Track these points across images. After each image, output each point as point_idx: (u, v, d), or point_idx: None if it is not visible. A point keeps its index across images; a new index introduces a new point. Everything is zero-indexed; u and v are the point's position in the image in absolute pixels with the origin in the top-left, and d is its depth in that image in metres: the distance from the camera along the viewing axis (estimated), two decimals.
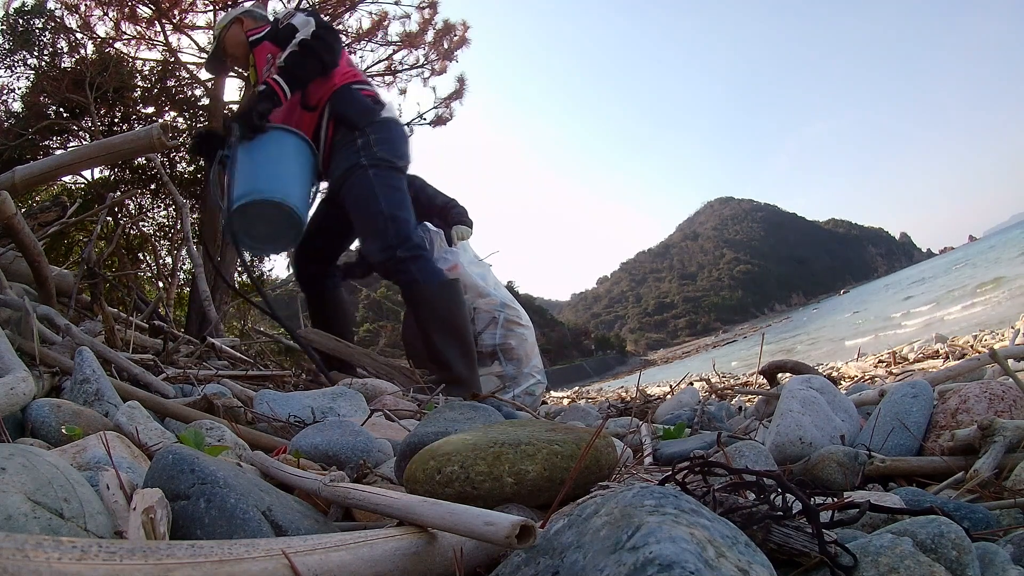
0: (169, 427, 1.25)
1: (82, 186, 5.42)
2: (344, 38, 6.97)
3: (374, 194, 2.35)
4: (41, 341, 1.54)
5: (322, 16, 2.60)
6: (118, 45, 6.00)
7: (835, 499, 0.71)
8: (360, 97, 2.48)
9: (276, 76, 2.34)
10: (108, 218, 3.13)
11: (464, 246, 3.34)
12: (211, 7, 6.27)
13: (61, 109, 5.44)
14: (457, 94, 7.19)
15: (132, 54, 6.12)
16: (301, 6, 6.42)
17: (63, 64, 5.63)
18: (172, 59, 6.26)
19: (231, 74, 2.91)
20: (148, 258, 5.26)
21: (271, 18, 2.83)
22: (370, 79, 2.76)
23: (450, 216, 3.59)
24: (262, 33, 2.65)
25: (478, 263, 3.29)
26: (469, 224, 3.52)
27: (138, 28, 6.04)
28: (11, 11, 5.61)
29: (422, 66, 7.17)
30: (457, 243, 3.31)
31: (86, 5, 5.82)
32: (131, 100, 5.80)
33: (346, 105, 2.44)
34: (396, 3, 6.87)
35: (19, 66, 5.62)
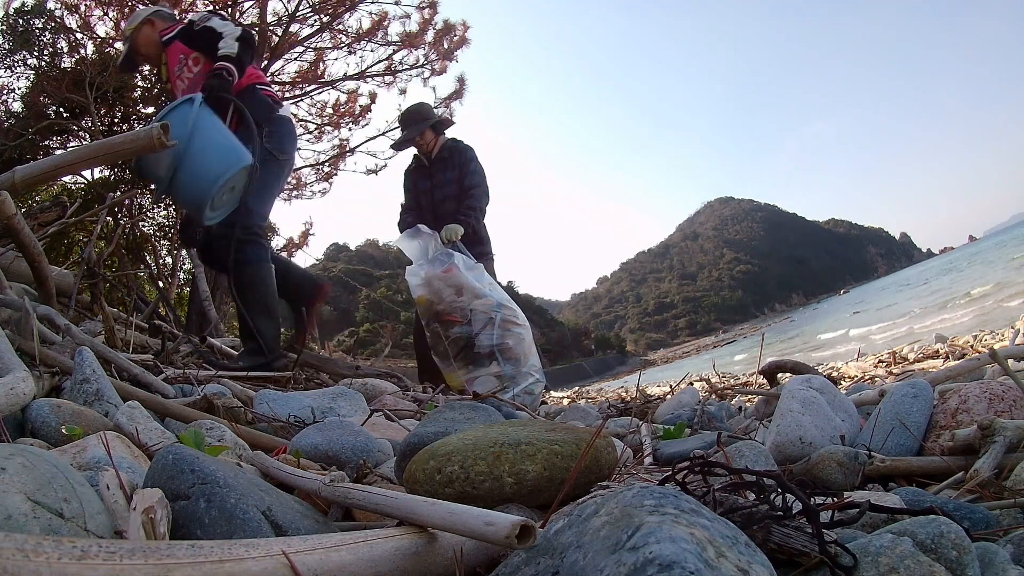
0: (169, 427, 1.25)
1: (82, 186, 5.42)
2: (344, 38, 6.98)
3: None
4: (41, 341, 1.54)
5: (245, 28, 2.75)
6: (118, 45, 6.00)
7: (835, 499, 0.71)
8: (262, 96, 2.77)
9: (227, 64, 2.54)
10: (108, 218, 3.13)
11: (460, 246, 3.35)
12: (211, 7, 6.27)
13: (61, 109, 5.44)
14: (457, 94, 7.19)
15: None
16: (298, 8, 6.43)
17: (63, 64, 5.62)
18: None
19: (141, 72, 3.01)
20: (148, 258, 5.26)
21: (179, 19, 2.95)
22: (269, 81, 2.92)
23: (460, 207, 3.62)
24: (173, 33, 2.77)
25: (473, 264, 3.29)
26: (464, 224, 3.52)
27: None
28: (11, 11, 5.61)
29: (422, 66, 7.17)
30: (446, 243, 3.32)
31: (86, 5, 5.82)
32: (131, 100, 5.79)
33: (249, 103, 2.68)
34: (396, 3, 6.87)
35: (19, 66, 5.61)
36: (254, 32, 2.81)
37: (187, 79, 2.70)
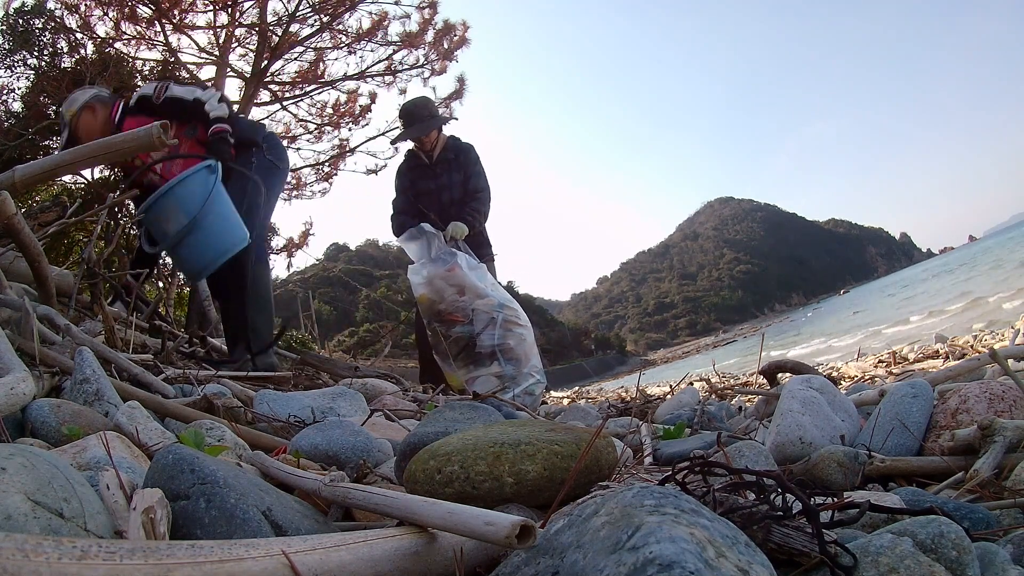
0: (169, 427, 1.25)
1: (82, 186, 5.41)
2: (344, 38, 6.98)
3: (245, 190, 2.66)
4: (41, 341, 1.54)
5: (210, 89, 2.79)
6: (118, 45, 6.00)
7: (835, 499, 0.71)
8: (246, 121, 2.94)
9: (224, 126, 2.61)
10: (108, 218, 3.14)
11: (463, 246, 3.35)
12: (211, 7, 6.28)
13: (61, 109, 5.44)
14: (457, 94, 7.19)
15: (132, 54, 6.12)
16: (298, 8, 6.43)
17: (63, 64, 5.62)
18: (172, 59, 6.27)
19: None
20: None
21: (119, 96, 2.91)
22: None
23: (463, 211, 3.60)
24: (121, 109, 2.75)
25: (476, 264, 3.29)
26: (468, 224, 3.50)
27: (138, 28, 6.04)
28: (11, 11, 5.61)
29: (422, 66, 7.17)
30: (450, 241, 3.31)
31: (86, 5, 5.82)
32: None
33: (245, 127, 2.81)
34: (396, 3, 6.87)
35: (19, 66, 5.60)
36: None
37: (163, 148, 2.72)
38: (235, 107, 2.86)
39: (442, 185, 3.74)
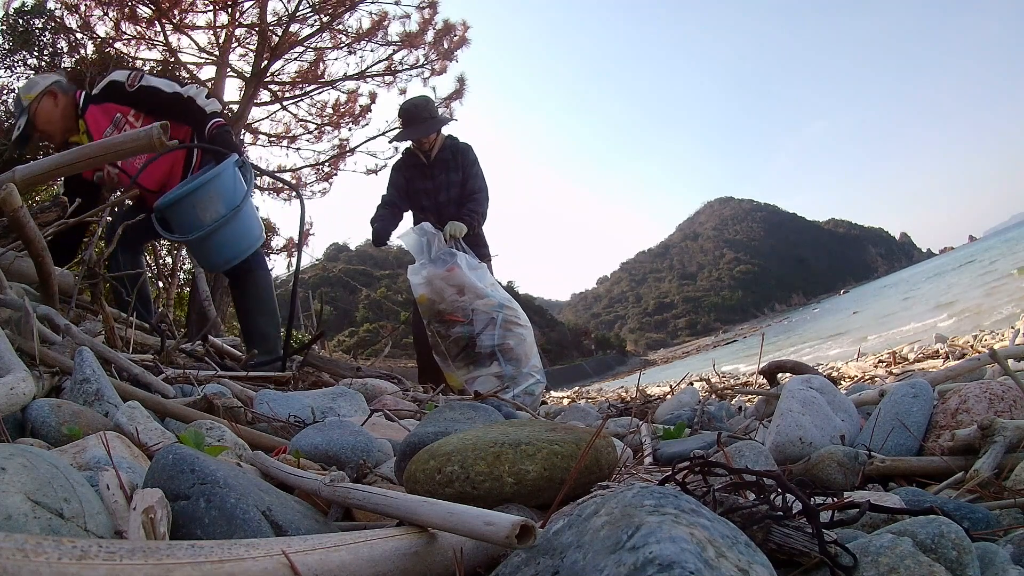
0: (169, 427, 1.25)
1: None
2: (344, 38, 6.99)
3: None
4: (41, 341, 1.54)
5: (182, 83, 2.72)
6: (118, 45, 6.01)
7: (835, 499, 0.71)
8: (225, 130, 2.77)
9: (222, 120, 2.59)
10: (108, 218, 3.14)
11: (463, 245, 3.34)
12: (211, 7, 6.28)
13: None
14: (457, 94, 7.19)
15: (132, 54, 6.12)
16: (298, 8, 6.43)
17: (63, 64, 5.62)
18: (172, 59, 6.27)
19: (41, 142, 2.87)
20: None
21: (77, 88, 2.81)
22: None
23: (460, 211, 3.60)
24: (83, 97, 2.66)
25: (476, 264, 3.28)
26: (467, 224, 3.48)
27: (138, 28, 6.05)
28: (11, 11, 5.61)
29: (422, 66, 7.18)
30: (449, 240, 3.30)
31: (86, 5, 5.82)
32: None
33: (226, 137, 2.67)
34: (396, 3, 6.88)
35: (19, 66, 5.61)
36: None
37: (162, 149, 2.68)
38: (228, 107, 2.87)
39: (439, 185, 3.73)
